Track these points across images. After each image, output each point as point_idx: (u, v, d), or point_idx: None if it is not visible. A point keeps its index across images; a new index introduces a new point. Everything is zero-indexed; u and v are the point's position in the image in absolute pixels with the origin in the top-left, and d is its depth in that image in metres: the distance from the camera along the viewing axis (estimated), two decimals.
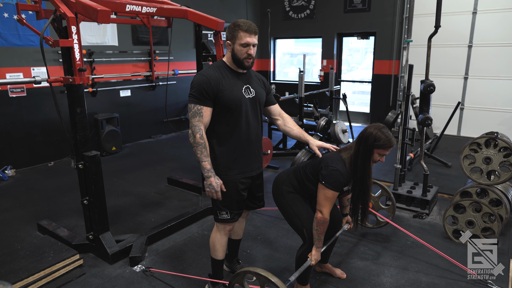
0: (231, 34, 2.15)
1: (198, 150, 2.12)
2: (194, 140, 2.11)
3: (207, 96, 2.12)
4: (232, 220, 2.33)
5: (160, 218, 3.72)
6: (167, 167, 5.33)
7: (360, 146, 2.18)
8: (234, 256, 2.77)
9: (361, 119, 8.56)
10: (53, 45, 2.58)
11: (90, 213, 2.97)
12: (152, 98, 6.92)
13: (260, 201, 2.54)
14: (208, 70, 2.18)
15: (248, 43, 2.13)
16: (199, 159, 2.14)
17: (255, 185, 2.43)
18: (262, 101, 2.36)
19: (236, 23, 2.14)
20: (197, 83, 2.13)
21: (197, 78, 2.16)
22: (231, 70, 2.24)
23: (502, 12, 6.36)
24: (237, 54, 2.16)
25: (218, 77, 2.16)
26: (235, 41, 2.14)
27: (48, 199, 4.22)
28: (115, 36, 6.10)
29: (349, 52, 9.15)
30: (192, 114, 2.13)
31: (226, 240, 2.43)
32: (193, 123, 2.12)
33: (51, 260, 2.79)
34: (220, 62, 2.27)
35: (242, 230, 2.69)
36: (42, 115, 5.36)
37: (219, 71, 2.20)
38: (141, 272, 2.81)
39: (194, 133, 2.11)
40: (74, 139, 2.84)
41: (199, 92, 2.11)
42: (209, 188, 2.17)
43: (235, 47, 2.15)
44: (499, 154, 3.24)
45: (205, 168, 2.14)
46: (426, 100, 3.75)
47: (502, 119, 6.71)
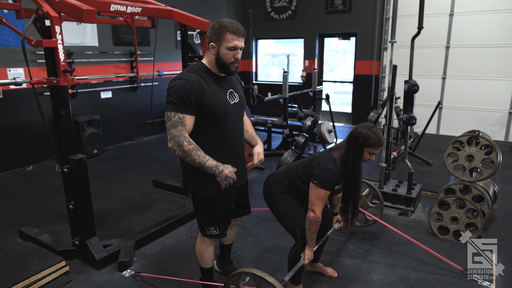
0: (216, 36, 1.92)
1: (195, 156, 1.90)
2: (183, 150, 1.88)
3: (189, 103, 1.88)
4: (220, 236, 2.23)
5: (147, 221, 3.66)
6: (151, 169, 5.25)
7: (350, 145, 2.21)
8: (226, 258, 2.74)
9: (343, 119, 8.67)
10: (36, 46, 2.50)
11: (76, 218, 2.89)
12: (134, 100, 6.80)
13: (245, 208, 2.43)
14: (188, 74, 1.94)
15: (236, 47, 1.93)
16: (200, 162, 1.92)
17: (241, 194, 2.34)
18: (245, 105, 2.23)
19: (222, 24, 1.91)
20: (178, 89, 1.88)
21: (177, 82, 1.90)
22: (213, 74, 2.02)
23: (477, 14, 6.58)
24: (223, 58, 1.95)
25: (200, 81, 1.93)
26: (221, 43, 1.92)
27: (29, 204, 4.08)
28: (95, 36, 5.97)
29: (328, 53, 9.26)
30: (172, 123, 1.88)
31: (213, 249, 2.35)
32: (175, 134, 1.88)
33: (35, 267, 2.69)
34: (200, 65, 2.03)
35: (234, 235, 2.64)
36: (20, 118, 5.19)
37: (199, 74, 1.97)
38: (130, 277, 2.75)
39: (179, 143, 1.87)
40: (58, 142, 2.76)
41: (180, 98, 1.87)
42: (227, 180, 2.01)
43: (221, 50, 1.93)
44: (480, 151, 3.33)
45: (212, 167, 1.95)
46: (410, 100, 3.83)
47: (478, 118, 6.94)
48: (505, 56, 6.48)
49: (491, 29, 6.50)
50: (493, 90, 6.69)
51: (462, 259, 2.94)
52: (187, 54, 3.72)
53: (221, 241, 2.63)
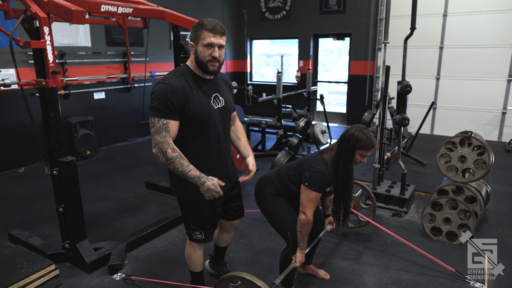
0: (194, 34, 1.91)
1: (178, 164, 1.87)
2: (166, 157, 1.85)
3: (173, 108, 1.86)
4: (207, 240, 2.21)
5: (139, 223, 3.63)
6: (145, 170, 5.22)
7: (342, 147, 2.19)
8: (220, 260, 2.70)
9: (337, 119, 8.67)
10: (24, 47, 2.47)
11: (66, 221, 2.85)
12: (127, 100, 6.76)
13: (237, 211, 2.38)
14: (171, 78, 1.91)
15: (212, 44, 1.88)
16: (182, 172, 1.89)
17: (230, 197, 2.30)
18: (231, 109, 2.18)
19: (200, 22, 1.90)
20: (160, 94, 1.85)
21: (160, 87, 1.87)
22: (197, 76, 1.98)
23: (471, 15, 6.60)
24: (200, 56, 1.91)
25: (183, 85, 1.90)
26: (198, 41, 1.90)
27: (20, 207, 4.04)
28: (88, 36, 5.92)
29: (324, 53, 9.26)
30: (155, 130, 1.86)
31: (201, 253, 2.32)
32: (158, 140, 1.85)
33: (24, 271, 2.66)
34: (184, 67, 2.00)
35: (230, 238, 2.58)
36: (10, 119, 5.14)
37: (183, 78, 1.94)
38: (121, 280, 2.73)
39: (163, 150, 1.85)
40: (48, 145, 2.73)
41: (163, 104, 1.84)
42: (209, 193, 1.96)
43: (198, 49, 1.90)
44: (473, 152, 3.33)
45: (194, 177, 1.91)
46: (403, 101, 3.82)
47: (472, 118, 6.97)
48: (498, 56, 6.50)
49: (485, 30, 6.52)
50: (486, 90, 6.71)
51: (454, 260, 2.95)
52: (179, 55, 3.69)
53: (216, 243, 2.59)
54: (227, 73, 9.35)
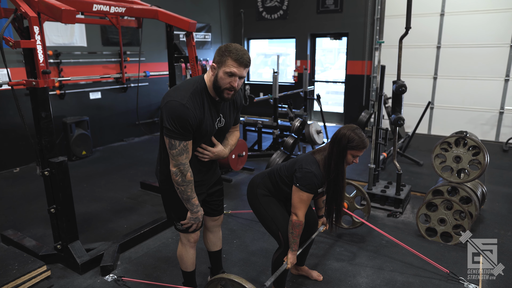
0: (219, 58, 1.88)
1: (189, 189, 1.98)
2: (183, 179, 1.94)
3: (191, 131, 1.90)
4: (190, 231, 2.21)
5: (133, 224, 3.61)
6: (140, 171, 5.20)
7: (333, 148, 2.17)
8: (219, 268, 2.61)
9: (335, 119, 8.66)
10: (13, 46, 2.45)
11: (58, 222, 2.84)
12: (124, 100, 6.73)
13: (219, 206, 2.38)
14: (189, 100, 1.88)
15: (234, 73, 1.86)
16: (189, 197, 2.00)
17: (213, 192, 2.31)
18: (229, 128, 2.20)
19: (228, 48, 1.86)
20: (181, 117, 1.84)
21: (180, 110, 1.84)
22: (210, 97, 1.97)
23: (468, 14, 6.58)
24: (219, 82, 1.89)
25: (199, 108, 1.91)
26: (221, 66, 1.87)
27: (14, 207, 4.02)
28: (83, 36, 5.89)
29: (322, 53, 9.24)
30: (178, 151, 1.90)
31: (193, 252, 2.32)
32: (181, 161, 1.92)
33: (15, 273, 2.64)
34: (202, 85, 1.96)
35: (219, 239, 2.53)
36: (6, 118, 5.12)
37: (199, 97, 1.93)
38: (112, 281, 2.71)
39: (183, 172, 1.93)
40: (39, 145, 2.71)
41: (184, 127, 1.86)
42: (194, 221, 2.11)
43: (219, 74, 1.88)
44: (468, 152, 3.32)
45: (194, 204, 2.04)
46: (398, 100, 3.81)
47: (470, 118, 6.95)
48: (496, 56, 6.49)
49: (482, 29, 6.51)
50: (484, 90, 6.70)
51: (449, 261, 2.93)
52: (173, 54, 3.67)
53: (207, 248, 2.55)
54: None
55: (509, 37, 6.34)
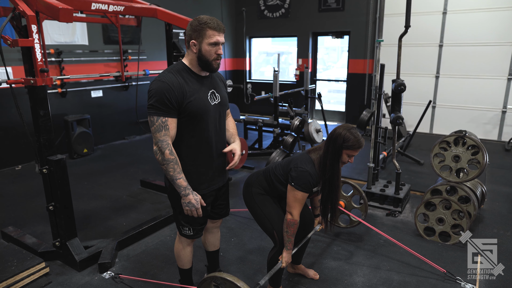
0: (197, 33, 1.90)
1: (170, 168, 1.91)
2: (163, 157, 1.89)
3: (170, 106, 1.88)
4: (195, 236, 2.21)
5: (132, 222, 3.63)
6: (141, 169, 5.22)
7: (329, 147, 2.17)
8: (216, 267, 2.61)
9: (336, 118, 8.64)
10: (12, 45, 2.46)
11: (57, 219, 2.86)
12: (125, 98, 6.76)
13: (223, 209, 2.37)
14: (167, 75, 1.92)
15: (218, 42, 1.91)
16: (172, 177, 1.93)
17: (219, 195, 2.29)
18: (227, 106, 2.21)
19: (202, 20, 1.89)
20: (157, 92, 1.86)
21: (156, 85, 1.88)
22: (194, 73, 1.99)
23: (471, 12, 6.54)
24: (205, 55, 1.92)
25: (180, 83, 1.91)
26: (203, 40, 1.90)
27: (15, 204, 4.05)
28: (85, 35, 5.92)
29: (325, 51, 9.21)
30: (156, 128, 1.89)
31: (190, 250, 2.33)
32: (159, 138, 1.89)
33: (14, 269, 2.67)
34: (180, 65, 2.00)
35: (218, 240, 2.53)
36: (8, 117, 5.15)
37: (180, 75, 1.94)
38: (110, 279, 2.73)
39: (162, 150, 1.89)
40: (37, 143, 2.73)
41: (161, 102, 1.86)
42: (188, 207, 2.00)
43: (203, 47, 1.91)
44: (467, 152, 3.30)
45: (181, 186, 1.95)
46: (398, 99, 3.80)
47: (472, 117, 6.92)
48: (498, 54, 6.44)
49: (485, 28, 6.46)
50: (486, 89, 6.66)
51: (446, 261, 2.92)
52: (172, 53, 3.68)
53: (205, 247, 2.55)
54: (226, 72, 9.33)
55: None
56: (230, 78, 9.34)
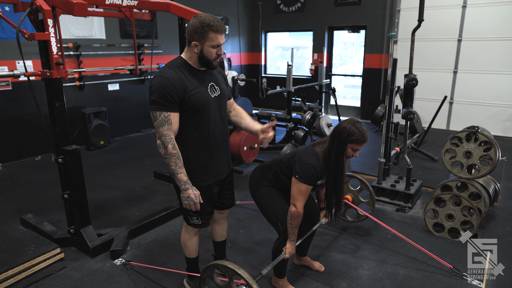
0: (199, 35, 1.92)
1: (172, 162, 1.96)
2: (165, 152, 1.94)
3: (172, 100, 1.93)
4: (203, 225, 2.27)
5: (144, 212, 3.73)
6: (155, 161, 5.33)
7: (334, 141, 2.19)
8: (222, 257, 2.67)
9: (351, 113, 8.57)
10: (29, 39, 2.56)
11: (71, 207, 2.97)
12: (141, 92, 6.89)
13: (229, 200, 2.41)
14: (168, 71, 1.96)
15: (219, 44, 1.96)
16: (173, 171, 1.98)
17: (225, 185, 2.34)
18: (226, 97, 2.25)
19: (204, 22, 1.90)
20: (158, 87, 1.91)
21: (157, 81, 1.93)
22: (193, 68, 2.03)
23: (492, 6, 6.37)
24: (207, 56, 1.97)
25: (181, 77, 1.96)
26: (205, 42, 1.93)
27: (34, 193, 4.22)
28: (102, 29, 6.05)
29: (343, 46, 9.13)
30: (159, 122, 1.93)
31: (196, 239, 2.38)
32: (162, 133, 1.93)
33: (31, 254, 2.80)
34: (179, 60, 2.04)
35: (225, 230, 2.58)
36: (29, 108, 5.33)
37: (180, 70, 1.99)
38: (121, 265, 2.83)
39: (165, 144, 1.93)
40: (53, 134, 2.84)
41: (163, 97, 1.91)
42: (187, 201, 2.05)
43: (205, 49, 1.95)
44: (479, 148, 3.26)
45: (181, 180, 2.00)
46: (410, 94, 3.76)
47: (491, 113, 6.76)
48: None
49: (506, 22, 6.28)
50: (506, 84, 6.48)
51: (454, 257, 2.91)
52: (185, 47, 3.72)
53: (212, 238, 2.62)
54: (241, 66, 9.36)
55: None
56: (245, 72, 9.36)
